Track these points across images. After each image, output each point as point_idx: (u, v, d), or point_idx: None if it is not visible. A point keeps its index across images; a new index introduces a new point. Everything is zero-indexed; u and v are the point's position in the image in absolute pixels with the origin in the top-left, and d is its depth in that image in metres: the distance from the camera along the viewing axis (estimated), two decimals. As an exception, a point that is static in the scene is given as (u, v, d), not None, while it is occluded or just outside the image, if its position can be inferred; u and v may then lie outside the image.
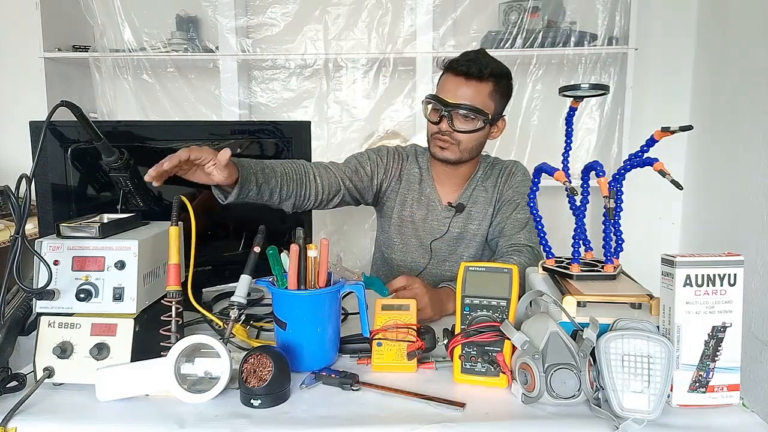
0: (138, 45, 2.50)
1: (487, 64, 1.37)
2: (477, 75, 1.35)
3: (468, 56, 1.39)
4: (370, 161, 1.51)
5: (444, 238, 1.51)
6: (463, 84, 1.36)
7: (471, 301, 0.91)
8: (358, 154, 1.53)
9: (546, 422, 0.77)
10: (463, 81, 1.36)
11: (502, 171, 1.54)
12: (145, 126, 1.39)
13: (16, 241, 0.82)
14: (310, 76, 2.62)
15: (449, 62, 1.40)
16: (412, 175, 1.55)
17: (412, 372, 0.94)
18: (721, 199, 2.22)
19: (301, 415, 0.80)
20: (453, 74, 1.38)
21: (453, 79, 1.38)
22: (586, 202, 1.03)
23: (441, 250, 1.53)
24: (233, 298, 0.94)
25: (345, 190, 1.43)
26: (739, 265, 0.79)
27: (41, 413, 0.80)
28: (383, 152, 1.55)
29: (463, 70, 1.36)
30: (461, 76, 1.36)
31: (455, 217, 1.51)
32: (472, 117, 1.37)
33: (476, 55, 1.39)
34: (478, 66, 1.35)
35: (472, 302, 0.91)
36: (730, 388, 0.79)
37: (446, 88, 1.39)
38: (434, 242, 1.51)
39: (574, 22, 2.42)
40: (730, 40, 2.20)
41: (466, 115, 1.37)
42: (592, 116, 2.53)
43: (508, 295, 0.90)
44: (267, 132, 1.38)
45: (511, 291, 0.90)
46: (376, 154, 1.53)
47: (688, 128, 0.89)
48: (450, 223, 1.51)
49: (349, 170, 1.45)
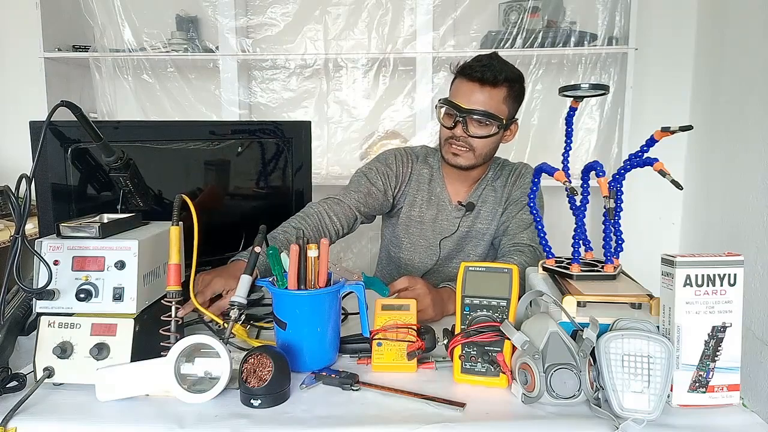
0: (138, 45, 2.50)
1: (501, 69, 1.37)
2: (491, 81, 1.35)
3: (482, 61, 1.38)
4: (380, 176, 1.50)
5: (452, 236, 1.52)
6: (478, 90, 1.36)
7: (471, 301, 0.91)
8: (367, 170, 1.51)
9: (546, 422, 0.77)
10: (478, 87, 1.36)
11: (512, 172, 1.54)
12: (145, 126, 1.39)
13: (16, 241, 0.82)
14: (310, 76, 2.62)
15: (462, 67, 1.40)
16: (422, 176, 1.54)
17: (412, 372, 0.94)
18: (721, 199, 2.22)
19: (301, 415, 0.80)
20: (467, 80, 1.37)
21: (467, 85, 1.37)
22: (586, 202, 1.03)
23: (449, 249, 1.54)
24: (233, 298, 0.94)
25: (361, 216, 1.44)
26: (739, 265, 0.79)
27: (41, 413, 0.80)
28: (391, 160, 1.53)
29: (477, 77, 1.35)
30: (476, 82, 1.36)
31: (465, 216, 1.51)
32: (486, 123, 1.37)
33: (490, 61, 1.38)
34: (493, 72, 1.35)
35: (472, 302, 0.91)
36: (730, 388, 0.79)
37: (460, 94, 1.38)
38: (443, 241, 1.51)
39: (574, 22, 2.42)
40: (730, 40, 2.20)
41: (481, 120, 1.37)
42: (592, 116, 2.53)
43: (508, 295, 0.90)
44: (267, 132, 1.38)
45: (511, 291, 0.90)
46: (384, 165, 1.52)
47: (688, 128, 0.89)
48: (460, 222, 1.51)
49: (361, 195, 1.45)
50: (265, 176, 1.39)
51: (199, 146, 1.26)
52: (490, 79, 1.35)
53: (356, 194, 1.44)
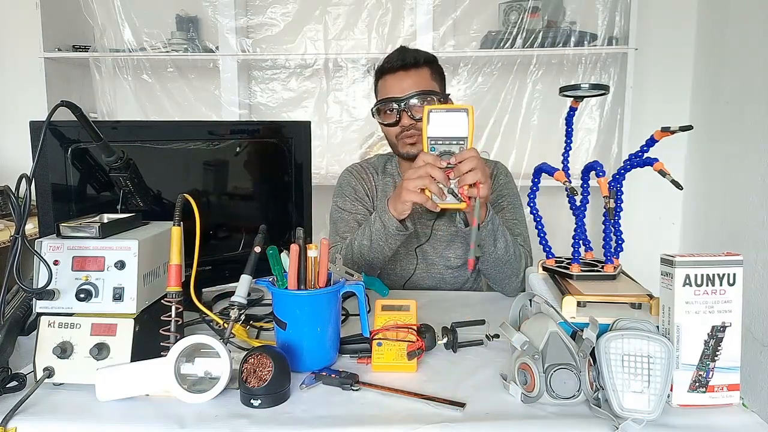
0: (138, 45, 2.50)
1: (416, 53, 1.42)
2: (413, 64, 1.40)
3: (394, 54, 1.43)
4: (355, 201, 1.52)
5: (429, 242, 1.50)
6: (405, 76, 1.40)
7: (435, 142, 1.11)
8: (342, 204, 1.53)
9: (546, 422, 0.77)
10: (403, 73, 1.40)
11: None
12: (145, 126, 1.39)
13: (16, 241, 0.82)
14: (310, 76, 2.62)
15: (380, 67, 1.45)
16: (387, 186, 1.55)
17: (412, 372, 0.94)
18: (721, 199, 2.22)
19: (301, 415, 0.80)
20: (391, 73, 1.42)
21: (393, 77, 1.41)
22: (586, 202, 1.03)
23: (428, 255, 1.52)
24: (233, 298, 0.94)
25: None
26: (738, 265, 0.79)
27: (41, 413, 0.80)
28: (353, 182, 1.56)
29: (399, 65, 1.40)
30: (399, 71, 1.40)
31: (437, 221, 1.49)
32: (427, 100, 1.39)
33: (402, 50, 1.44)
34: (411, 56, 1.41)
35: (436, 143, 1.11)
36: (730, 388, 0.79)
37: (390, 88, 1.41)
38: (419, 248, 1.50)
39: (574, 22, 2.42)
40: (730, 40, 2.20)
41: (421, 100, 1.39)
42: (592, 116, 2.53)
43: (466, 134, 1.10)
44: (267, 132, 1.38)
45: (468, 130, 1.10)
46: (351, 189, 1.54)
47: (688, 128, 0.89)
48: (433, 226, 1.49)
49: (356, 225, 1.47)
50: (264, 176, 1.39)
51: (199, 146, 1.26)
52: (411, 62, 1.40)
53: (350, 232, 1.45)
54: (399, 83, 1.40)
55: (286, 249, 0.95)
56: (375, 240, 1.31)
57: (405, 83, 1.39)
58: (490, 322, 1.07)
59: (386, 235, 1.29)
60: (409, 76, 1.40)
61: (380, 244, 1.31)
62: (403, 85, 1.39)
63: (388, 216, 1.26)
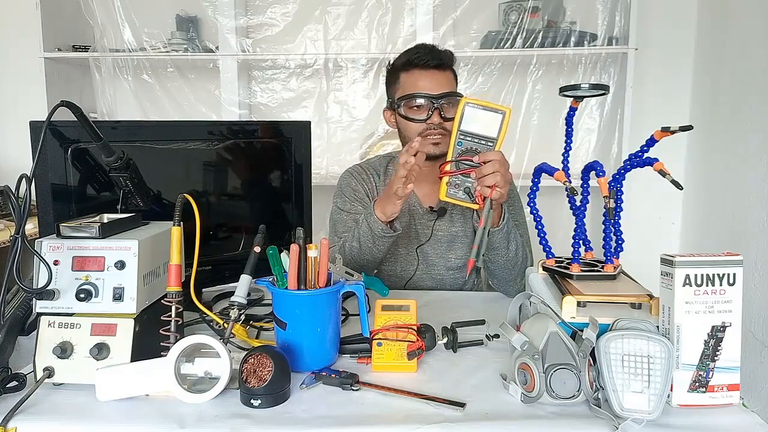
0: (138, 45, 2.50)
1: (446, 53, 1.43)
2: (444, 65, 1.41)
3: (423, 50, 1.42)
4: (355, 202, 1.52)
5: (430, 242, 1.50)
6: (439, 74, 1.40)
7: (464, 137, 1.12)
8: (342, 205, 1.53)
9: (546, 422, 0.77)
10: (437, 72, 1.40)
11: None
12: (145, 126, 1.39)
13: (16, 241, 0.82)
14: (310, 76, 2.62)
15: (408, 60, 1.43)
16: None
17: (412, 372, 0.94)
18: (721, 199, 2.22)
19: (301, 415, 0.80)
20: (422, 69, 1.41)
21: (426, 73, 1.40)
22: (586, 202, 1.03)
23: (429, 255, 1.52)
24: (233, 298, 0.94)
25: None
26: (738, 265, 0.79)
27: (41, 413, 0.80)
28: (353, 183, 1.55)
29: (434, 63, 1.40)
30: (432, 68, 1.40)
31: (438, 221, 1.50)
32: (455, 102, 1.39)
33: (431, 47, 1.44)
34: (441, 57, 1.41)
35: (464, 138, 1.13)
36: (730, 388, 0.79)
37: (423, 83, 1.40)
38: (420, 248, 1.50)
39: (574, 22, 2.42)
40: (730, 40, 2.20)
41: (453, 102, 1.39)
42: (592, 116, 2.53)
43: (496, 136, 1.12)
44: (267, 132, 1.38)
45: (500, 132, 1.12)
46: (351, 190, 1.54)
47: (688, 128, 0.89)
48: (433, 226, 1.50)
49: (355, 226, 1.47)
50: (264, 176, 1.39)
51: (199, 146, 1.26)
52: (447, 63, 1.41)
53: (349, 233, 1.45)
54: (432, 80, 1.39)
55: (286, 249, 0.95)
56: (363, 242, 1.33)
57: (437, 81, 1.39)
58: (490, 322, 1.07)
59: (373, 237, 1.31)
60: (443, 75, 1.40)
61: (369, 246, 1.33)
62: (436, 83, 1.39)
63: (373, 218, 1.29)
